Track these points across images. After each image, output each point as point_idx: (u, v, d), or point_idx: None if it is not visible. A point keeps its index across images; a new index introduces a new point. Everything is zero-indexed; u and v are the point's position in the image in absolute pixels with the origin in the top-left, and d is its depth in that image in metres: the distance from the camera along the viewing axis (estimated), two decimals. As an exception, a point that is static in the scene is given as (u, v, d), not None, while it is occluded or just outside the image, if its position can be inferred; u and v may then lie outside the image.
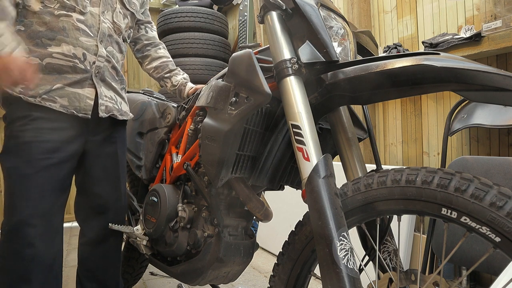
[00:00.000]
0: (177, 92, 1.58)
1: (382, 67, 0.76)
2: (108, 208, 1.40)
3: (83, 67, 1.22)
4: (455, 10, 1.90)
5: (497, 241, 0.64)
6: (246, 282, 2.14)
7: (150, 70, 1.61)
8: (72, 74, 1.21)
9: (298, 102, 0.83)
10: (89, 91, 1.24)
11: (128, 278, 1.82)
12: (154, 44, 1.61)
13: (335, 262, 0.69)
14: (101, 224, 1.41)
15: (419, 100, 2.10)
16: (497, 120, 1.49)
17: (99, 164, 1.37)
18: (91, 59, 1.23)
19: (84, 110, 1.23)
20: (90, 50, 1.23)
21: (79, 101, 1.22)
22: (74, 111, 1.21)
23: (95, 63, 1.24)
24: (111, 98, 1.32)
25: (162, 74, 1.59)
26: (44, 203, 1.18)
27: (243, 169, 1.03)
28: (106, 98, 1.30)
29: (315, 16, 0.87)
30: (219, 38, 3.63)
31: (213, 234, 1.14)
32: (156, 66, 1.59)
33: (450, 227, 1.40)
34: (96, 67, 1.25)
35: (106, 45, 1.29)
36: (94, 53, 1.24)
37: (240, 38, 3.51)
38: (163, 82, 1.60)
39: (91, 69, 1.24)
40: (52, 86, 1.18)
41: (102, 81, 1.28)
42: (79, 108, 1.22)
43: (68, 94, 1.20)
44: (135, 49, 1.61)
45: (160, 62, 1.59)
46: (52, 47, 1.18)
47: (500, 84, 0.65)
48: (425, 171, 0.73)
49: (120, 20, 1.36)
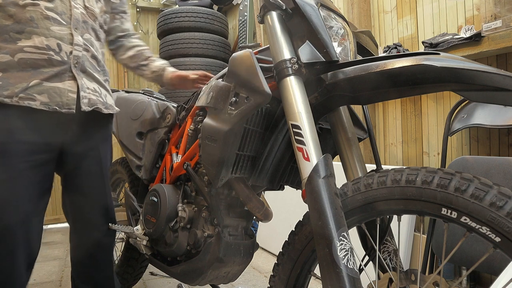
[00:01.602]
0: (157, 78, 1.49)
1: (382, 67, 0.76)
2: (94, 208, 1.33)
3: (59, 58, 1.12)
4: (455, 10, 1.90)
5: (497, 241, 0.64)
6: (246, 282, 2.14)
7: (125, 61, 1.50)
8: (49, 67, 1.11)
9: (298, 102, 0.83)
10: (70, 84, 1.14)
11: (128, 278, 1.82)
12: (128, 34, 1.50)
13: (335, 262, 0.69)
14: (89, 226, 1.34)
15: (419, 100, 2.10)
16: (497, 120, 1.49)
17: (83, 164, 1.28)
18: (67, 49, 1.14)
19: (68, 105, 1.14)
20: (64, 39, 1.13)
21: (60, 96, 1.12)
22: (56, 107, 1.12)
23: (72, 53, 1.15)
24: (94, 90, 1.23)
25: (139, 62, 1.49)
26: (23, 209, 1.11)
27: (243, 169, 1.03)
28: (89, 90, 1.20)
29: (315, 16, 0.87)
30: (219, 38, 3.63)
31: (213, 234, 1.14)
32: (131, 55, 1.48)
33: (450, 227, 1.40)
34: (75, 57, 1.15)
35: (82, 32, 1.19)
36: (70, 42, 1.14)
37: (240, 38, 3.51)
38: (140, 70, 1.50)
39: (68, 60, 1.14)
40: (28, 83, 1.08)
41: (82, 72, 1.18)
42: (62, 103, 1.13)
43: (47, 89, 1.11)
44: (107, 39, 1.48)
45: (135, 50, 1.49)
46: (22, 41, 1.08)
47: (500, 84, 0.65)
48: (425, 171, 0.73)
49: (93, 4, 1.25)
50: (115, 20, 1.45)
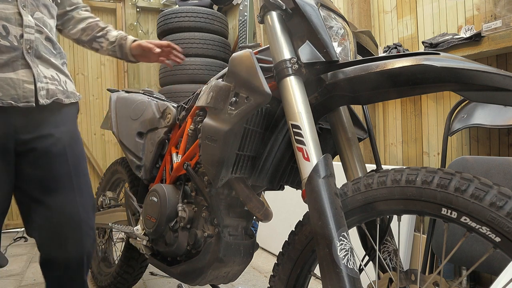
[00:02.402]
0: (117, 49, 1.34)
1: (382, 67, 0.76)
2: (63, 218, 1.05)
3: (7, 43, 0.95)
4: (455, 10, 1.90)
5: (497, 241, 0.64)
6: (246, 282, 2.14)
7: (77, 35, 1.31)
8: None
9: (298, 102, 0.83)
10: (24, 73, 0.98)
11: (128, 278, 1.82)
12: (78, 7, 1.32)
13: (335, 262, 0.69)
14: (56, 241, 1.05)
15: (419, 100, 2.10)
16: (497, 120, 1.49)
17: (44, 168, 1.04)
18: (17, 32, 0.97)
19: (25, 98, 0.97)
20: (11, 20, 0.96)
21: (14, 88, 0.96)
22: (12, 101, 0.95)
23: (24, 36, 0.98)
24: (52, 78, 1.06)
25: (93, 34, 1.32)
26: None
27: (243, 169, 1.03)
28: (46, 79, 1.03)
29: (315, 16, 0.87)
30: (219, 38, 3.63)
31: (213, 234, 1.14)
32: (83, 28, 1.31)
33: (450, 227, 1.40)
34: (27, 41, 0.98)
35: (32, 10, 1.01)
36: (19, 24, 0.97)
37: (240, 38, 3.51)
38: (96, 43, 1.33)
39: (19, 45, 0.97)
40: None
41: (37, 58, 1.02)
42: (18, 96, 0.96)
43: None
44: None
45: (87, 23, 1.32)
46: None
47: (500, 84, 0.65)
48: (425, 171, 0.73)
49: None
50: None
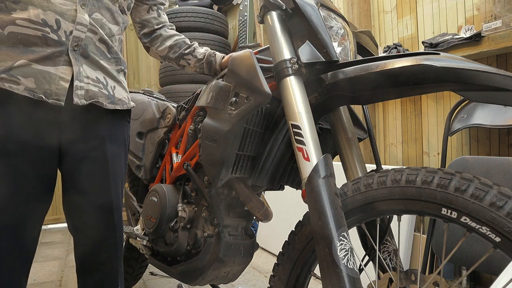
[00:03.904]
0: (205, 66, 1.32)
1: (382, 67, 0.76)
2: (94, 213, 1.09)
3: (56, 37, 0.93)
4: (455, 10, 1.90)
5: (497, 241, 0.64)
6: (246, 282, 2.14)
7: (164, 52, 1.34)
8: (42, 47, 0.92)
9: (298, 102, 0.83)
10: (63, 70, 0.95)
11: (128, 278, 1.82)
12: (165, 26, 1.36)
13: (335, 262, 0.69)
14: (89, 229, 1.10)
15: (419, 100, 2.10)
16: (497, 120, 1.49)
17: (82, 165, 1.05)
18: (68, 28, 0.94)
19: (56, 95, 0.94)
20: (65, 15, 0.94)
21: (49, 82, 0.93)
22: (43, 95, 0.93)
23: (73, 33, 0.95)
24: (97, 81, 1.02)
25: (181, 51, 1.34)
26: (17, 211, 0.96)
27: (243, 169, 1.03)
28: (89, 79, 1.00)
29: (315, 16, 0.87)
30: (219, 38, 3.63)
31: (213, 234, 1.14)
32: (171, 45, 1.33)
33: (450, 227, 1.40)
34: (74, 38, 0.95)
35: (92, 10, 0.99)
36: (72, 20, 0.95)
37: (240, 38, 3.51)
38: (184, 60, 1.34)
39: (67, 40, 0.95)
40: (14, 62, 0.90)
41: (84, 57, 0.99)
42: (50, 91, 0.93)
43: (35, 73, 0.92)
44: (141, 32, 1.34)
45: (174, 40, 1.34)
46: (17, 12, 0.90)
47: (500, 84, 0.65)
48: (425, 171, 0.73)
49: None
50: (151, 11, 1.31)
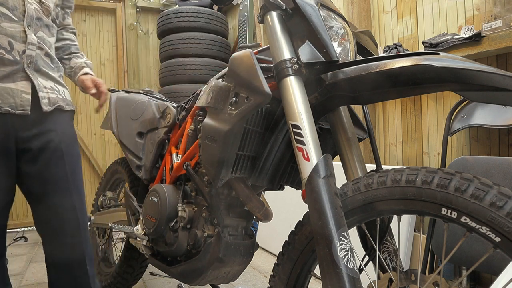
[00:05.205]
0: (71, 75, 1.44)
1: (382, 67, 0.76)
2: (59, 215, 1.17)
3: (11, 58, 1.07)
4: (455, 10, 1.90)
5: (497, 241, 0.64)
6: (246, 282, 2.14)
7: None
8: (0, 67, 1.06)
9: (298, 102, 0.83)
10: (23, 85, 1.10)
11: (128, 278, 1.82)
12: (66, 28, 1.45)
13: (335, 262, 0.69)
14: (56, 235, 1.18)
15: (419, 100, 2.10)
16: (497, 120, 1.49)
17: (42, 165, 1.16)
18: (20, 48, 1.09)
19: (22, 106, 1.09)
20: (16, 37, 1.08)
21: (13, 97, 1.08)
22: (9, 109, 1.07)
23: (26, 52, 1.10)
24: (52, 89, 1.18)
25: (61, 55, 1.44)
26: None
27: (243, 169, 1.03)
28: (47, 89, 1.16)
29: (315, 16, 0.87)
30: (219, 38, 3.63)
31: (213, 234, 1.14)
32: (58, 47, 1.41)
33: (450, 227, 1.40)
34: (28, 57, 1.10)
35: (36, 30, 1.13)
36: (23, 41, 1.09)
37: (240, 38, 3.51)
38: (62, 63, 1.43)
39: (21, 59, 1.09)
40: None
41: (36, 71, 1.14)
42: (15, 104, 1.08)
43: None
44: None
45: (63, 43, 1.44)
46: None
47: (500, 84, 0.65)
48: (425, 171, 0.73)
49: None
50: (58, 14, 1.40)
